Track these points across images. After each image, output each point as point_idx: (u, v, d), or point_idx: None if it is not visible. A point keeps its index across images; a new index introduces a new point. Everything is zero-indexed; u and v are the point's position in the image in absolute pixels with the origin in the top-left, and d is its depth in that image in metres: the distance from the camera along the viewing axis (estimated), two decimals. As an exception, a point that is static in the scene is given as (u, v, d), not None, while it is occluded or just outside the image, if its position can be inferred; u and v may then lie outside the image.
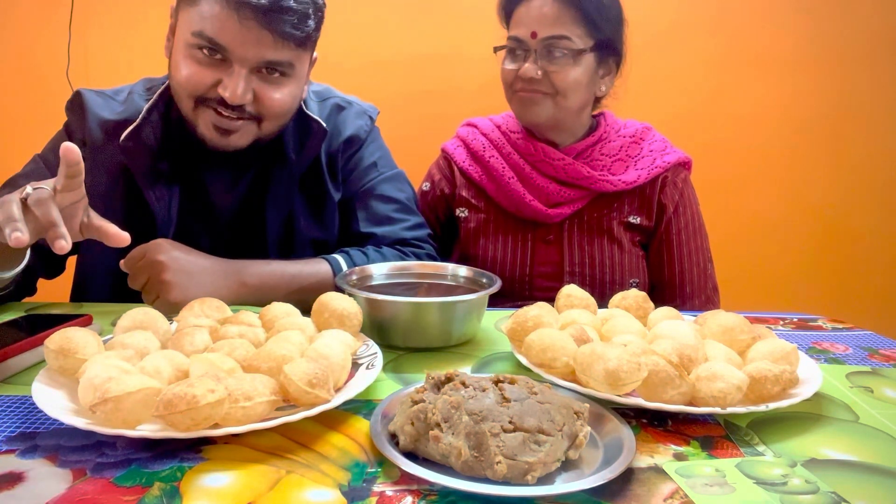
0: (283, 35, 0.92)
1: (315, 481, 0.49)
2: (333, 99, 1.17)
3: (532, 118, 1.19)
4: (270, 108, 0.97)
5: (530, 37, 1.13)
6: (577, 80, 1.15)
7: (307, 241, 1.11)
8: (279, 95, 0.97)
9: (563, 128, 1.24)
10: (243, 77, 0.92)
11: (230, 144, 0.98)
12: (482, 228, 1.27)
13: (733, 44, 1.90)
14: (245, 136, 0.99)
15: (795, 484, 0.51)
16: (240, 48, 0.91)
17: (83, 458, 0.52)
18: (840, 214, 1.97)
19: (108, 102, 1.06)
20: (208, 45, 0.91)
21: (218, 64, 0.93)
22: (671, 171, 1.24)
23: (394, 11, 1.87)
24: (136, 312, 0.70)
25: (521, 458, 0.47)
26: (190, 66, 0.93)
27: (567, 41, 1.12)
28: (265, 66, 0.94)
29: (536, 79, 1.14)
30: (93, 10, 1.85)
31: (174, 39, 0.98)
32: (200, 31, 0.91)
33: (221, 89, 0.93)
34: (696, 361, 0.65)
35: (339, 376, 0.62)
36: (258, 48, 0.92)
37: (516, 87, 1.17)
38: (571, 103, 1.17)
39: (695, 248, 1.25)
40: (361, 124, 1.17)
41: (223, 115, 0.95)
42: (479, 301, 0.82)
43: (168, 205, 1.03)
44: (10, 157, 1.80)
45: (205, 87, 0.94)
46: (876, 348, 0.86)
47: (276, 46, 0.92)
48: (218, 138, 0.97)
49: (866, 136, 1.94)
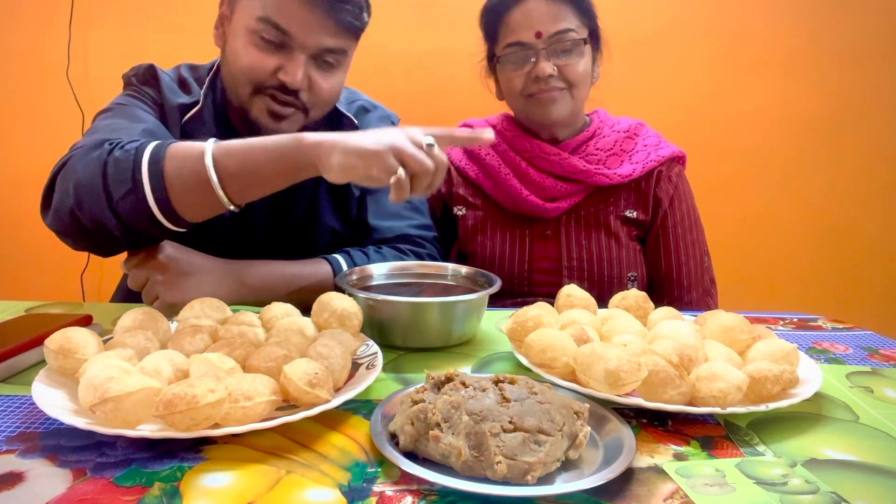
0: (343, 24, 0.97)
1: (315, 481, 0.49)
2: (360, 101, 1.22)
3: (556, 117, 1.20)
4: (320, 95, 1.02)
5: (535, 37, 1.15)
6: (586, 70, 1.19)
7: (328, 231, 1.15)
8: (328, 84, 1.02)
9: (569, 122, 1.26)
10: (303, 63, 0.97)
11: (281, 130, 1.00)
12: (480, 226, 1.28)
13: (732, 44, 1.90)
14: (294, 123, 1.02)
15: (795, 484, 0.51)
16: (304, 34, 0.95)
17: (83, 458, 0.52)
18: (840, 214, 1.97)
19: (171, 86, 1.07)
20: (274, 30, 0.95)
21: (278, 50, 0.97)
22: (665, 166, 1.26)
23: (394, 11, 1.87)
24: (136, 312, 0.70)
25: (521, 458, 0.47)
26: (252, 52, 0.97)
27: (572, 33, 1.16)
28: (322, 54, 0.99)
29: (554, 76, 1.16)
30: (93, 10, 1.85)
31: (229, 27, 1.01)
32: (267, 16, 0.94)
33: (282, 74, 0.97)
34: (696, 361, 0.65)
35: (339, 376, 0.62)
36: (320, 35, 0.96)
37: (530, 90, 1.18)
38: (584, 94, 1.22)
39: (691, 242, 1.25)
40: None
41: (279, 100, 0.99)
42: (479, 301, 0.82)
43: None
44: (11, 158, 1.81)
45: (266, 74, 0.97)
46: (876, 348, 0.86)
47: (336, 34, 0.98)
48: (271, 123, 1.01)
49: (866, 136, 1.94)
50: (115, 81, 1.13)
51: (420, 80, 1.90)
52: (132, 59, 1.63)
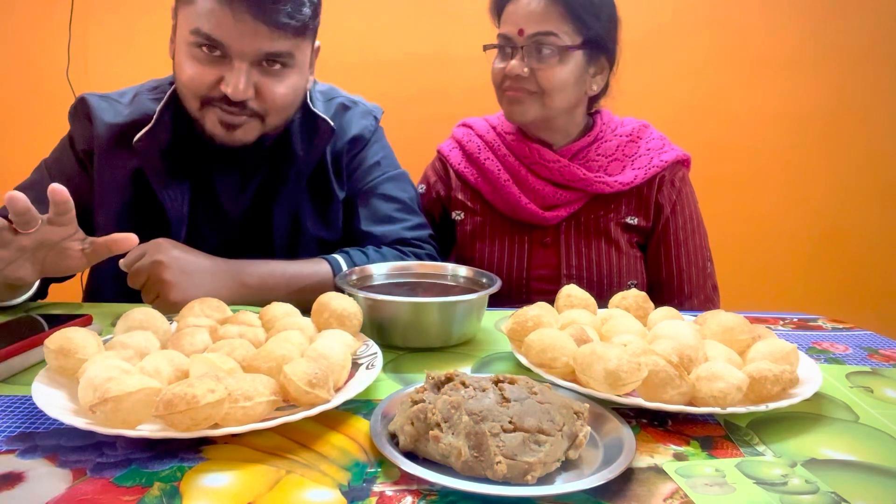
0: (278, 25, 0.91)
1: (315, 481, 0.49)
2: (339, 99, 1.18)
3: (519, 118, 1.18)
4: (273, 101, 0.97)
5: (518, 34, 1.12)
6: (564, 80, 1.14)
7: (313, 241, 1.12)
8: (282, 89, 0.97)
9: (553, 127, 1.22)
10: (244, 72, 0.92)
11: (235, 140, 0.98)
12: (478, 231, 1.27)
13: (732, 43, 1.90)
14: (250, 131, 0.99)
15: (795, 484, 0.51)
16: (237, 42, 0.91)
17: (83, 458, 0.52)
18: (840, 214, 1.97)
19: (113, 106, 1.06)
20: (206, 42, 0.92)
21: (218, 61, 0.93)
22: (668, 170, 1.23)
23: (393, 11, 1.87)
24: (136, 312, 0.70)
25: (521, 458, 0.47)
26: (192, 66, 0.94)
27: (554, 38, 1.11)
28: (265, 59, 0.94)
29: (523, 76, 1.13)
30: (93, 10, 1.85)
31: (176, 40, 0.98)
32: (197, 28, 0.91)
33: (224, 86, 0.93)
34: (696, 361, 0.65)
35: (339, 376, 0.62)
36: (255, 41, 0.91)
37: (504, 85, 1.16)
38: (558, 103, 1.16)
39: (693, 247, 1.24)
40: (366, 124, 1.18)
41: (227, 111, 0.95)
42: (479, 301, 0.82)
43: (181, 204, 1.04)
44: (11, 158, 1.81)
45: (208, 86, 0.94)
46: (876, 348, 0.86)
47: (272, 37, 0.92)
48: (224, 134, 0.97)
49: (865, 136, 1.94)
50: (115, 81, 1.13)
51: (420, 80, 1.90)
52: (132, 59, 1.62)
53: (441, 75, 1.89)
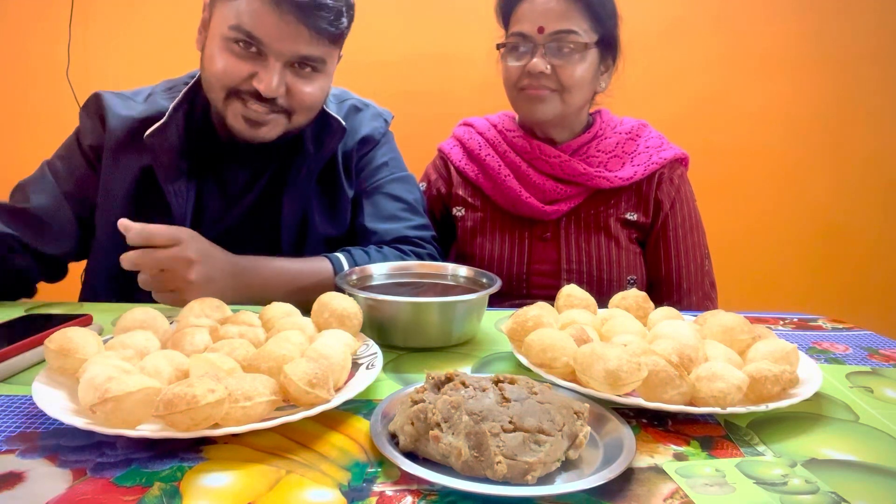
0: (319, 31, 0.95)
1: (315, 481, 0.49)
2: (351, 101, 1.20)
3: (540, 116, 1.19)
4: (302, 101, 1.00)
5: (537, 32, 1.13)
6: (583, 76, 1.16)
7: (321, 238, 1.13)
8: (310, 90, 1.00)
9: (565, 125, 1.25)
10: (278, 71, 0.95)
11: (258, 136, 1.00)
12: (479, 227, 1.28)
13: (735, 43, 1.90)
14: (275, 128, 1.01)
15: (795, 484, 0.51)
16: (277, 42, 0.94)
17: (83, 458, 0.52)
18: (841, 214, 1.97)
19: (127, 102, 1.08)
20: (245, 39, 0.94)
21: (254, 57, 0.96)
22: (667, 168, 1.25)
23: (393, 11, 1.87)
24: (136, 312, 0.70)
25: (521, 458, 0.47)
26: (226, 58, 0.96)
27: (575, 35, 1.13)
28: (298, 61, 0.97)
29: (546, 74, 1.14)
30: (93, 10, 1.85)
31: (207, 33, 1.00)
32: (238, 24, 0.93)
33: (256, 82, 0.95)
34: (696, 361, 0.65)
35: (339, 376, 0.62)
36: (295, 43, 0.95)
37: (522, 84, 1.17)
38: (577, 100, 1.18)
39: (692, 245, 1.25)
40: (377, 126, 1.20)
41: (252, 107, 0.97)
42: (479, 301, 0.82)
43: (185, 200, 1.05)
44: (11, 158, 1.81)
45: (239, 79, 0.96)
46: (876, 348, 0.86)
47: (311, 42, 0.96)
48: (247, 129, 0.99)
49: (868, 136, 1.94)
50: (116, 81, 1.13)
51: (421, 80, 1.90)
52: (132, 59, 1.62)
53: (442, 76, 1.89)
